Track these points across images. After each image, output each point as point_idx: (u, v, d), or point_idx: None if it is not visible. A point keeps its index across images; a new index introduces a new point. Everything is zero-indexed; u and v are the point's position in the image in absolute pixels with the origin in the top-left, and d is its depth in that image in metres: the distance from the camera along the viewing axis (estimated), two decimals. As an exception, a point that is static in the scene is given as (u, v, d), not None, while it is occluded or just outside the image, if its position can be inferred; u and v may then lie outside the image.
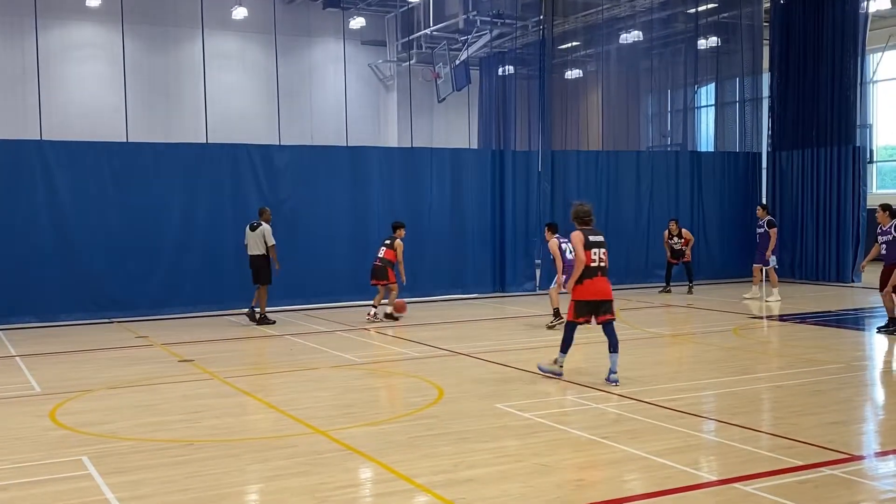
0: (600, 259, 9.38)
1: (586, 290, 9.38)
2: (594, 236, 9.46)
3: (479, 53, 28.33)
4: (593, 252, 9.35)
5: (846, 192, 20.30)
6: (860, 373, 10.21)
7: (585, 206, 9.68)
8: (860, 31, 20.29)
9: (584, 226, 9.52)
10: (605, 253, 9.44)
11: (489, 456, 6.81)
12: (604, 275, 9.42)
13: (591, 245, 9.38)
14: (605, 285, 9.42)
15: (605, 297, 9.42)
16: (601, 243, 9.46)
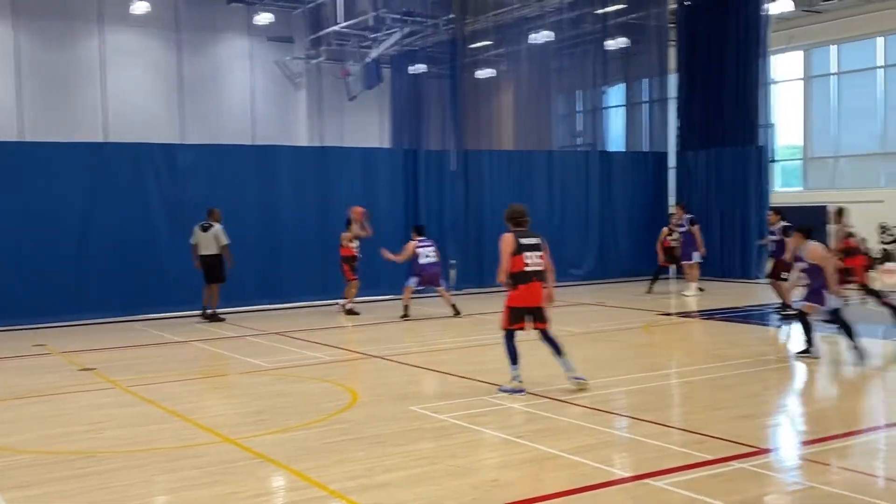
0: (535, 263, 8.86)
1: (521, 297, 8.86)
2: (527, 239, 8.93)
3: (390, 51, 28.17)
4: (526, 256, 8.83)
5: (750, 191, 20.88)
6: (767, 367, 10.45)
7: (519, 207, 9.19)
8: (762, 33, 20.90)
9: (517, 227, 9.01)
10: (541, 256, 8.92)
11: (404, 459, 6.70)
12: (539, 279, 8.89)
13: (524, 248, 8.86)
14: (540, 290, 8.90)
15: (539, 304, 8.91)
16: (536, 246, 8.93)
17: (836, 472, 6.38)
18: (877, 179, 26.41)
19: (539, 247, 8.95)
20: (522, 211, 9.10)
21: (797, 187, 28.63)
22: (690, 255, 17.72)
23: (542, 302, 8.92)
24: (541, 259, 8.90)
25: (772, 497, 5.88)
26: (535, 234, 9.03)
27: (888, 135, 25.94)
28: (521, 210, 9.11)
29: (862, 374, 10.18)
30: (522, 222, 9.05)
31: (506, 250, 8.87)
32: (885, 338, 12.42)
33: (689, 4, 22.52)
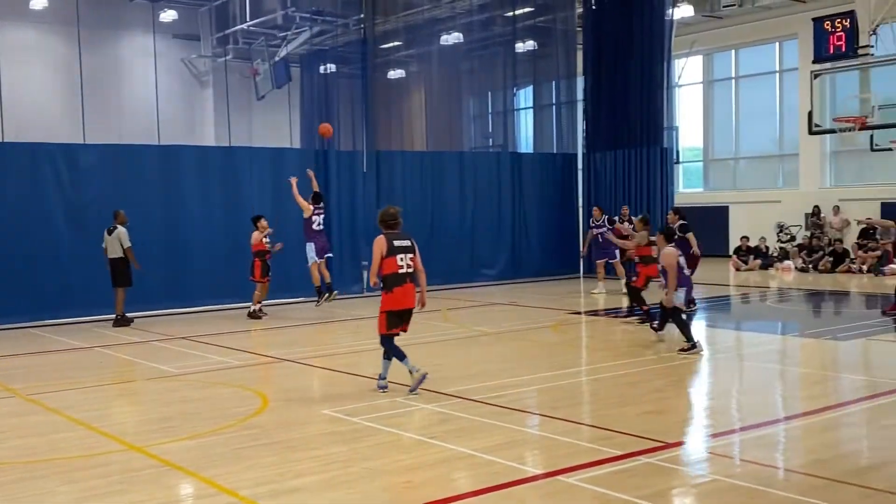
0: (407, 265, 8.87)
1: (396, 300, 8.84)
2: (399, 241, 8.91)
3: (299, 50, 27.89)
4: (399, 258, 8.82)
5: (655, 191, 21.40)
6: (673, 363, 10.72)
7: (392, 209, 9.15)
8: (666, 38, 21.45)
9: (389, 230, 8.96)
10: (411, 258, 8.90)
11: (316, 463, 6.64)
12: (412, 281, 8.91)
13: (397, 250, 8.85)
14: (413, 292, 8.91)
15: (411, 306, 8.93)
16: (407, 248, 8.92)
17: (740, 464, 6.59)
18: (775, 180, 27.41)
19: (411, 249, 8.95)
20: (394, 213, 9.07)
21: (698, 188, 29.50)
22: (605, 255, 18.01)
23: (413, 304, 8.95)
24: (412, 261, 8.91)
25: (678, 490, 6.03)
26: (406, 237, 9.02)
27: (785, 137, 26.95)
28: (393, 213, 9.08)
29: (762, 369, 10.54)
30: (394, 225, 9.02)
31: (377, 253, 8.86)
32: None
33: (595, 9, 22.94)
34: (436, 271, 20.03)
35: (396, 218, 9.05)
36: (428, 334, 13.39)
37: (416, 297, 8.97)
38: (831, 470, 6.20)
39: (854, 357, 11.26)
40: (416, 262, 8.97)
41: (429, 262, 20.13)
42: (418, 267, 8.99)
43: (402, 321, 8.97)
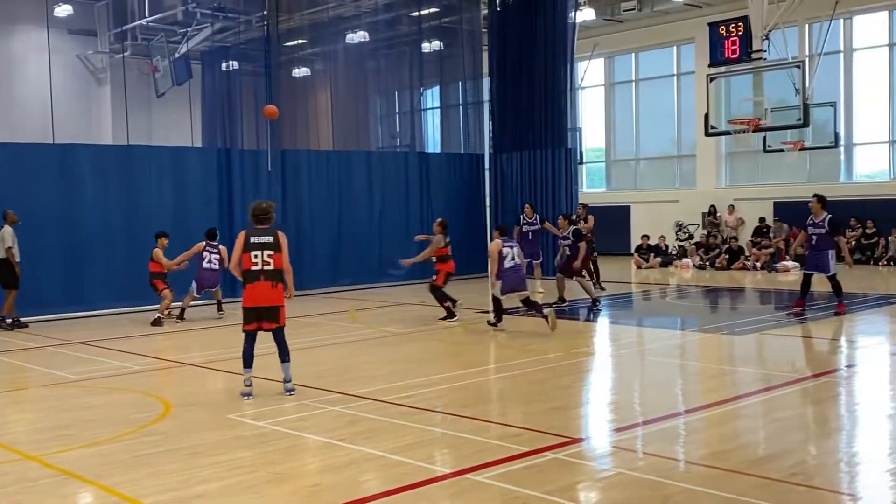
0: (263, 262, 8.67)
1: (248, 296, 8.76)
2: (259, 237, 8.75)
3: (200, 47, 27.27)
4: (254, 255, 8.66)
5: (560, 192, 21.74)
6: (578, 360, 10.92)
7: (264, 203, 9.01)
8: (569, 40, 21.80)
9: (259, 225, 8.85)
10: (270, 255, 8.68)
11: (221, 469, 6.51)
12: (269, 279, 8.70)
13: (252, 247, 8.69)
14: (267, 290, 8.72)
15: (267, 304, 8.74)
16: (267, 244, 8.72)
17: (643, 457, 6.75)
18: (673, 180, 28.21)
19: (272, 245, 8.76)
20: (264, 208, 8.94)
21: (601, 188, 30.14)
22: (531, 254, 18.03)
23: (272, 302, 8.77)
24: (271, 258, 8.73)
25: (583, 485, 6.13)
26: (270, 233, 8.82)
27: (682, 138, 27.77)
28: (265, 207, 8.95)
29: (663, 364, 10.83)
30: (263, 219, 8.89)
31: (237, 247, 8.79)
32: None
33: (499, 10, 23.17)
34: (344, 272, 20.01)
35: (268, 213, 8.92)
36: (336, 335, 13.30)
37: (275, 295, 8.76)
38: (729, 461, 6.41)
39: (749, 351, 11.67)
40: (277, 259, 8.76)
41: (336, 262, 20.21)
42: (281, 265, 8.79)
43: (258, 318, 8.80)
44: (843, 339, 12.33)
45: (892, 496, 5.71)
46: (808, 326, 12.92)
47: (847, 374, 9.95)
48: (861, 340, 12.34)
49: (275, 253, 8.76)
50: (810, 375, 9.70)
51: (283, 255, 8.84)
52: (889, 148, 23.99)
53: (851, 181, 24.67)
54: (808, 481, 5.94)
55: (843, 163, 24.70)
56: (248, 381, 8.94)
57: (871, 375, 9.93)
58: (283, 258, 8.82)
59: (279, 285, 8.83)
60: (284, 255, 8.85)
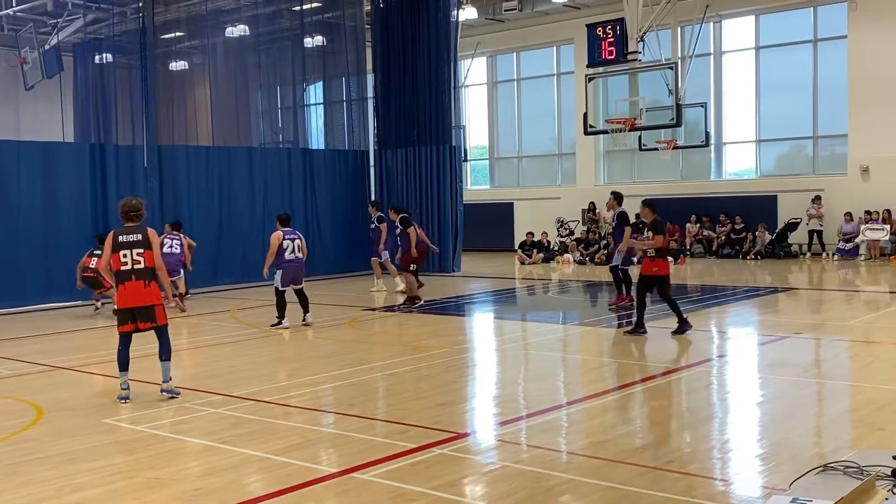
0: (133, 260, 8.42)
1: (121, 297, 8.52)
2: (127, 236, 8.50)
3: (72, 39, 26.18)
4: (122, 255, 8.41)
5: (445, 189, 21.89)
6: (462, 355, 11.03)
7: (133, 200, 8.76)
8: (452, 38, 21.95)
9: (128, 222, 8.60)
10: (140, 253, 8.44)
11: (97, 475, 6.28)
12: (140, 278, 8.44)
13: (121, 246, 8.45)
14: (140, 290, 8.45)
15: (141, 303, 8.48)
16: (136, 243, 8.46)
17: (526, 450, 6.87)
18: (554, 178, 28.85)
19: (141, 243, 8.52)
20: (134, 205, 8.69)
21: (485, 185, 30.53)
22: (380, 254, 17.96)
23: (146, 301, 8.52)
24: (142, 256, 8.50)
25: (469, 479, 6.20)
26: (139, 230, 8.59)
27: (563, 137, 28.42)
28: (133, 204, 8.70)
29: (545, 357, 11.06)
30: (134, 216, 8.64)
31: (106, 248, 8.59)
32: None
33: (382, 7, 23.13)
34: (226, 270, 19.60)
35: (138, 210, 8.66)
36: (217, 335, 13.02)
37: (148, 294, 8.51)
38: (609, 450, 6.60)
39: (627, 343, 12.03)
40: (149, 257, 8.52)
41: (218, 260, 19.76)
42: (152, 263, 8.55)
43: (132, 319, 8.53)
44: (714, 330, 12.87)
45: (761, 480, 6.00)
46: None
47: (719, 363, 10.40)
48: (731, 331, 12.92)
49: (145, 251, 8.50)
50: (684, 366, 10.09)
51: (155, 252, 8.57)
52: (756, 147, 25.19)
53: (721, 179, 25.80)
54: (684, 468, 6.18)
55: (713, 161, 25.80)
56: (124, 384, 8.66)
57: (741, 365, 10.41)
58: (154, 256, 8.55)
59: (152, 283, 8.56)
60: (156, 252, 8.58)
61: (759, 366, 10.16)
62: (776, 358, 10.37)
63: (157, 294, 8.63)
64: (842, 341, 11.49)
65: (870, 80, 22.29)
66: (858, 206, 22.41)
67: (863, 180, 22.78)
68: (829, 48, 23.54)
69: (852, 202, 22.53)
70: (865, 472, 4.22)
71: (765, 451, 6.63)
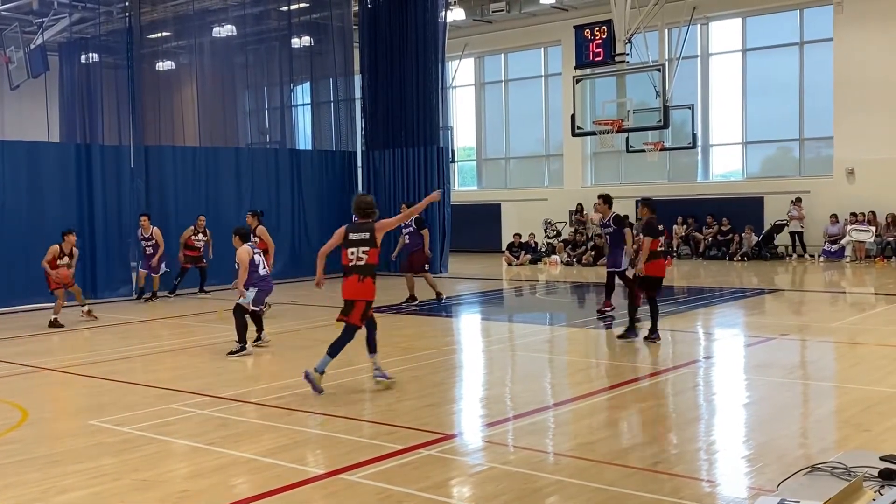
0: (357, 258, 8.72)
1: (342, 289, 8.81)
2: (356, 234, 8.78)
3: (57, 38, 26.05)
4: (350, 252, 8.74)
5: (432, 190, 21.80)
6: (450, 357, 11.02)
7: (366, 197, 9.08)
8: (439, 39, 21.95)
9: (362, 219, 8.86)
10: (365, 251, 8.69)
11: (83, 478, 6.24)
12: (357, 273, 8.70)
13: (350, 244, 8.75)
14: (352, 284, 8.73)
15: (349, 297, 8.78)
16: (362, 241, 8.72)
17: (514, 451, 6.87)
18: (542, 179, 28.88)
19: (367, 242, 8.72)
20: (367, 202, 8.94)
21: (473, 186, 30.54)
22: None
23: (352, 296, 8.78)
24: (365, 254, 8.70)
25: (456, 480, 6.20)
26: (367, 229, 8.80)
27: (550, 138, 28.46)
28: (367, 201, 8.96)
29: (533, 358, 11.06)
30: (368, 213, 8.89)
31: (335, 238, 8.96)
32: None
33: (370, 7, 23.11)
34: (212, 271, 19.49)
35: (371, 206, 8.95)
36: (204, 337, 12.97)
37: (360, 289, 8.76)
38: (597, 452, 6.61)
39: (615, 344, 12.05)
40: (371, 254, 8.75)
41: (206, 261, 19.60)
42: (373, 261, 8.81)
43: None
44: (701, 331, 12.91)
45: (748, 481, 6.02)
46: (669, 319, 13.44)
47: (705, 365, 10.43)
48: (718, 333, 12.96)
49: (370, 249, 8.71)
50: (671, 367, 10.12)
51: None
52: (742, 149, 25.29)
53: (708, 180, 25.89)
54: (671, 469, 6.19)
55: (700, 163, 25.90)
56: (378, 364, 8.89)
57: (727, 366, 10.44)
58: (376, 254, 8.81)
59: (367, 279, 8.75)
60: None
61: (746, 367, 10.19)
62: (762, 359, 10.41)
63: (369, 291, 8.78)
64: (827, 343, 11.54)
65: (855, 82, 22.43)
66: (844, 208, 22.53)
67: (848, 182, 22.91)
68: (815, 51, 23.67)
69: (838, 204, 22.65)
70: (853, 472, 4.24)
71: (751, 452, 6.65)
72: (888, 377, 9.01)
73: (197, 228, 17.94)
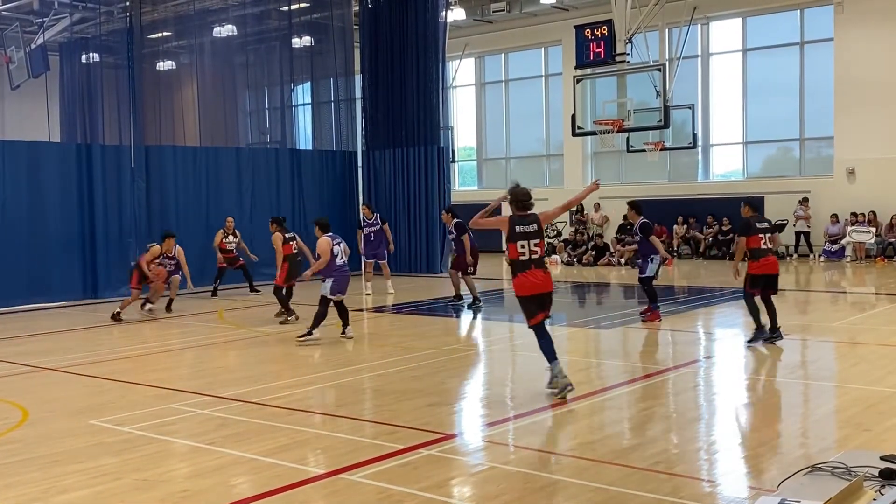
0: (530, 251, 8.47)
1: (524, 285, 8.56)
2: (524, 227, 8.53)
3: (58, 38, 26.04)
4: (520, 245, 8.47)
5: (433, 190, 21.88)
6: (452, 356, 11.01)
7: (523, 188, 8.85)
8: (440, 39, 21.95)
9: (521, 211, 8.63)
10: (536, 244, 8.47)
11: (84, 477, 6.25)
12: (539, 266, 8.50)
13: (518, 237, 8.49)
14: (540, 277, 8.50)
15: (546, 290, 8.58)
16: (531, 234, 8.49)
17: (514, 451, 6.87)
18: (542, 179, 28.87)
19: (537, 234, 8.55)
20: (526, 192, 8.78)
21: (473, 186, 30.53)
22: (374, 255, 17.94)
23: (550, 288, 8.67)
24: (537, 247, 8.52)
25: (457, 480, 6.20)
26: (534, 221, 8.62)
27: (550, 138, 28.45)
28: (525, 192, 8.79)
29: (533, 358, 11.06)
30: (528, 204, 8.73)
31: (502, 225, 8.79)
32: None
33: (371, 7, 23.11)
34: (213, 271, 19.48)
35: (529, 197, 8.77)
36: (204, 337, 12.97)
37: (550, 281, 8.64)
38: (597, 452, 6.61)
39: (615, 344, 12.07)
40: (541, 246, 8.62)
41: (204, 262, 19.68)
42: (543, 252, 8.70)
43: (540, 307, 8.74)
44: (701, 331, 12.90)
45: (747, 481, 6.02)
46: (670, 319, 13.45)
47: (706, 364, 10.43)
48: (718, 333, 12.96)
49: (539, 240, 8.57)
50: (672, 367, 10.12)
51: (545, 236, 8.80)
52: (743, 149, 25.28)
53: (708, 180, 25.88)
54: (671, 469, 6.19)
55: (700, 163, 25.89)
56: (558, 370, 8.63)
57: (727, 366, 10.44)
58: (543, 243, 8.69)
59: (547, 271, 8.66)
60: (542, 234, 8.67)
61: (746, 367, 10.19)
62: (763, 359, 10.41)
63: (550, 282, 8.68)
64: (828, 342, 11.55)
65: (856, 82, 22.42)
66: (844, 208, 22.52)
67: (849, 182, 22.90)
68: (815, 51, 23.66)
69: (838, 204, 22.64)
70: (853, 472, 4.24)
71: (751, 452, 6.65)
72: (888, 377, 9.01)
73: (226, 231, 17.86)
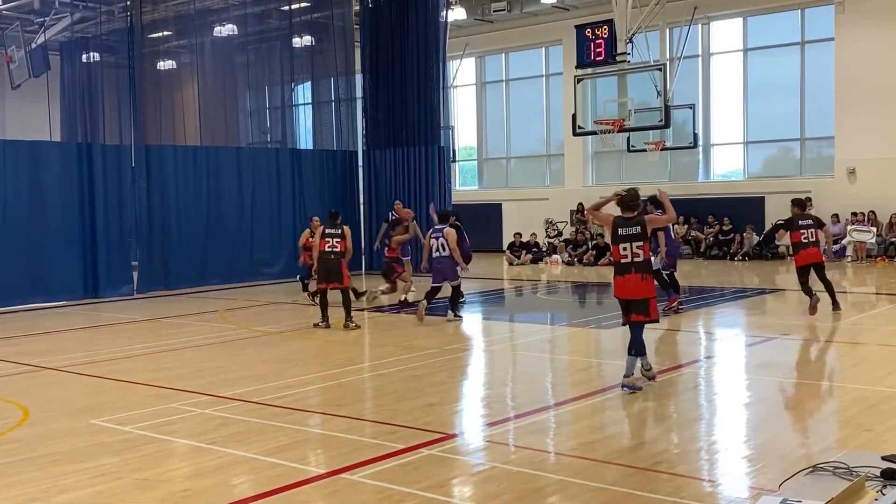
0: (632, 254, 8.33)
1: (618, 288, 8.54)
2: (627, 228, 8.39)
3: (58, 37, 26.05)
4: (622, 247, 8.39)
5: (434, 189, 21.87)
6: (452, 356, 11.01)
7: (632, 191, 8.74)
8: (441, 39, 21.95)
9: (628, 212, 8.53)
10: (639, 246, 8.34)
11: (84, 477, 6.24)
12: (639, 271, 8.35)
13: (621, 239, 8.40)
14: (636, 283, 8.37)
15: (634, 296, 8.45)
16: (634, 236, 8.36)
17: (515, 450, 6.87)
18: (543, 178, 28.86)
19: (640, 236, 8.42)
20: (634, 195, 8.66)
21: (473, 186, 30.52)
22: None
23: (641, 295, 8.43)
24: (640, 250, 8.41)
25: (458, 480, 6.19)
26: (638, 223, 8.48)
27: (551, 138, 28.43)
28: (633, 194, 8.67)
29: (534, 358, 11.06)
30: (634, 206, 8.65)
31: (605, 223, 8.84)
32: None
33: (371, 7, 23.10)
34: (214, 270, 19.55)
35: (636, 199, 8.71)
36: (205, 336, 12.97)
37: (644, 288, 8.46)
38: (598, 451, 6.60)
39: (615, 344, 12.03)
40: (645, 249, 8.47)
41: (205, 261, 19.71)
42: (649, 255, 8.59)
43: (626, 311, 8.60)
44: (702, 331, 12.90)
45: (748, 481, 6.02)
46: (671, 319, 13.44)
47: (706, 364, 10.42)
48: (719, 332, 12.95)
49: (643, 243, 8.41)
50: (672, 367, 10.11)
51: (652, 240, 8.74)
52: (743, 149, 25.27)
53: (709, 180, 25.87)
54: (672, 469, 6.18)
55: (701, 162, 25.87)
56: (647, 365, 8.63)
57: (728, 366, 10.44)
58: (648, 247, 8.51)
59: (648, 277, 8.47)
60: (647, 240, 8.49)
61: (747, 367, 10.18)
62: (764, 359, 10.40)
63: (652, 288, 8.54)
64: (829, 342, 11.54)
65: (856, 82, 22.41)
66: (845, 208, 22.51)
67: (849, 182, 22.89)
68: (816, 50, 23.64)
69: (839, 204, 22.63)
70: (855, 472, 4.24)
71: (752, 451, 6.65)
72: (889, 377, 9.00)
73: (313, 230, 17.73)
